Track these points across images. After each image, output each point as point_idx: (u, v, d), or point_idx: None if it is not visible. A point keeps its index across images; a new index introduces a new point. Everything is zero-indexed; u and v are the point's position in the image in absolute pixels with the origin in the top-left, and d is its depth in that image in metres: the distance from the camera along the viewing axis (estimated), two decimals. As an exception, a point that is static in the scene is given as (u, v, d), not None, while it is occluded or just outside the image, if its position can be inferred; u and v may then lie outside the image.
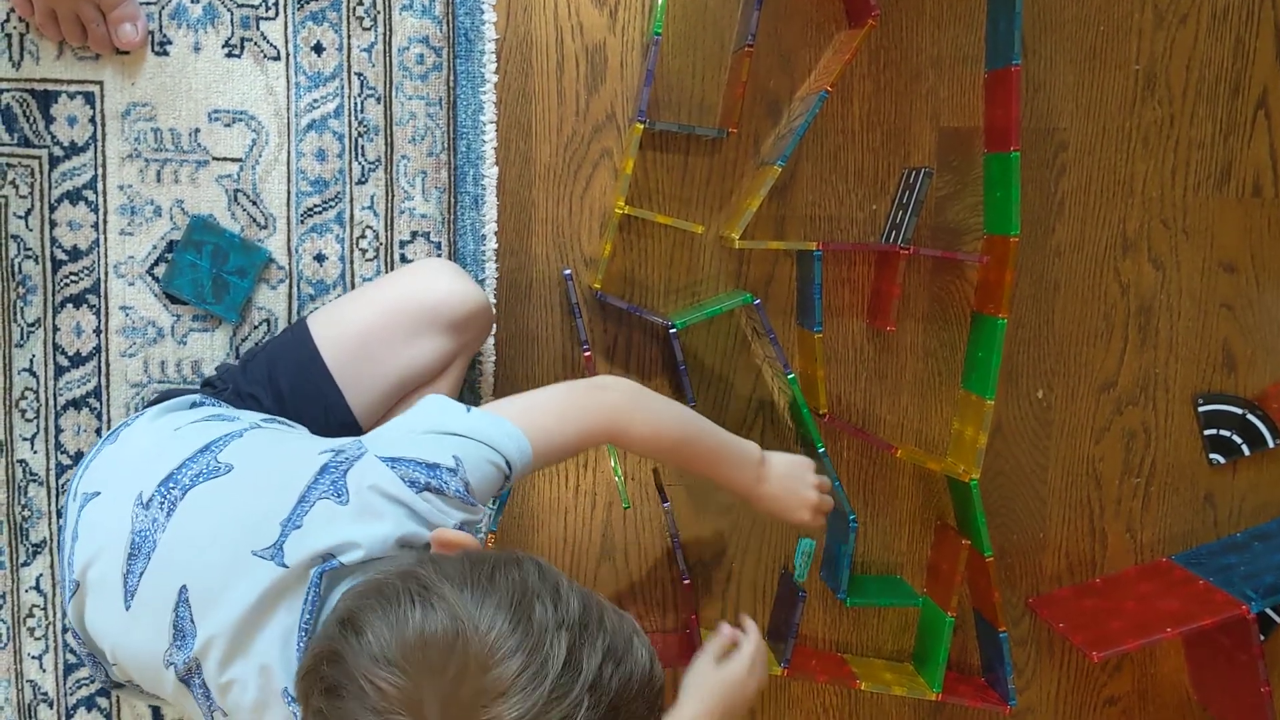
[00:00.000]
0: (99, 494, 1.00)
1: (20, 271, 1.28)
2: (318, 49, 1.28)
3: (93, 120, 1.27)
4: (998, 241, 1.30)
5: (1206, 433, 1.41)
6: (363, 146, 1.29)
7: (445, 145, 1.30)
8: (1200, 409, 1.40)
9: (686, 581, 1.35)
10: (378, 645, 0.70)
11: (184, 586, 0.90)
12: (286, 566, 0.87)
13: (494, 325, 1.29)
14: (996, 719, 1.43)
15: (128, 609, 0.93)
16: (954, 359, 1.38)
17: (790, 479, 1.21)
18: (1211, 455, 1.41)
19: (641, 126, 1.24)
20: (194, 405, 1.11)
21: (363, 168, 1.30)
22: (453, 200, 1.31)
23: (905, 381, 1.39)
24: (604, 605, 0.77)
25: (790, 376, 1.26)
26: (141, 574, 0.92)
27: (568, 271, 1.31)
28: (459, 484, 0.91)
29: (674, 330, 1.24)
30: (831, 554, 1.37)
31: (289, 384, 1.13)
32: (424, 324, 1.15)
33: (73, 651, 1.33)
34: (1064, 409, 1.40)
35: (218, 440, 0.98)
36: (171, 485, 0.95)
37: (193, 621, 0.89)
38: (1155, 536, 1.43)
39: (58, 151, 1.27)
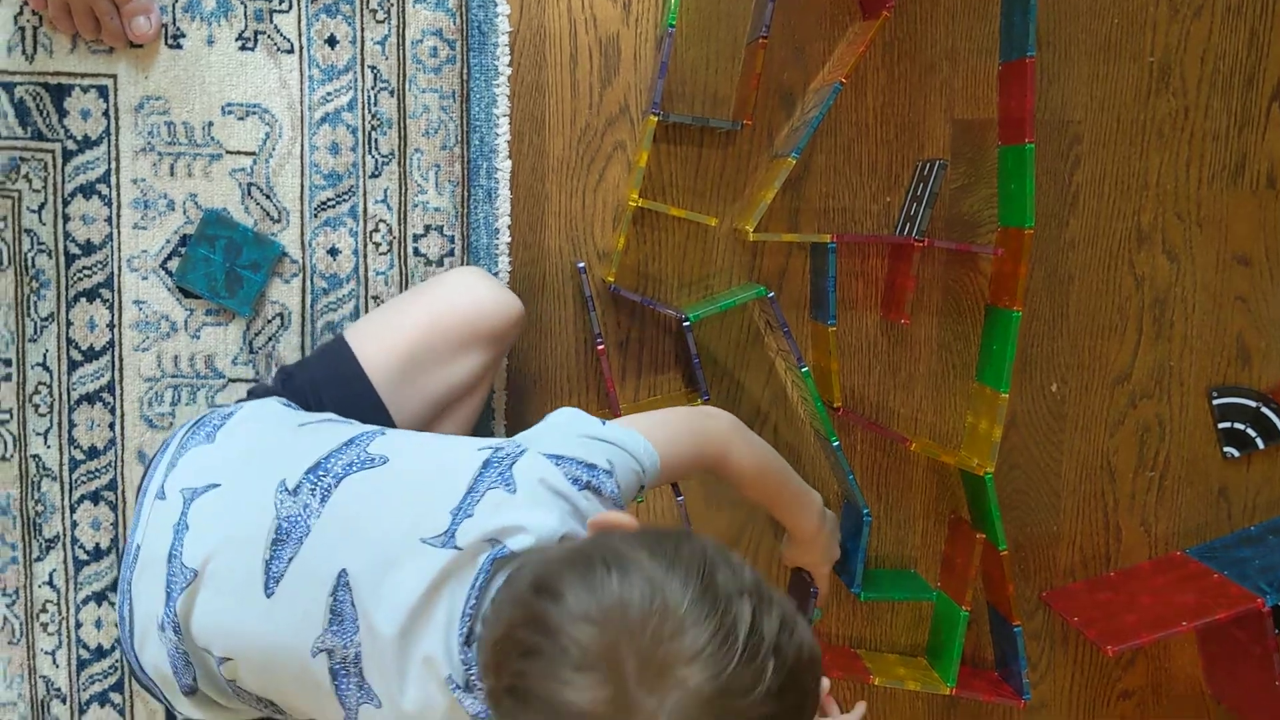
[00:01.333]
0: (216, 485, 1.00)
1: (34, 266, 1.27)
2: (331, 42, 1.28)
3: (106, 114, 1.27)
4: (1012, 234, 1.30)
5: (1221, 426, 1.41)
6: (376, 140, 1.29)
7: (459, 138, 1.30)
8: (1214, 402, 1.40)
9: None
10: (579, 607, 0.71)
11: (344, 570, 0.90)
12: (460, 549, 0.87)
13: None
14: (1011, 714, 1.43)
15: (269, 595, 0.93)
16: (968, 352, 1.38)
17: (836, 533, 1.30)
18: (1226, 449, 1.41)
19: (656, 119, 1.23)
20: (288, 405, 1.11)
21: (376, 161, 1.29)
22: (466, 194, 1.31)
23: (919, 375, 1.38)
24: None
25: (804, 370, 1.26)
26: (290, 559, 0.92)
27: (582, 264, 1.30)
28: (613, 486, 0.94)
29: (688, 323, 1.24)
30: (845, 549, 1.37)
31: (334, 403, 1.12)
32: (468, 339, 1.15)
33: (85, 646, 1.33)
34: (1078, 402, 1.40)
35: (360, 436, 0.99)
36: (322, 473, 0.95)
37: (353, 605, 0.89)
38: (1169, 530, 1.42)
39: (71, 145, 1.27)
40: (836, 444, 1.28)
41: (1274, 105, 1.37)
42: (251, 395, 1.16)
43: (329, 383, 1.13)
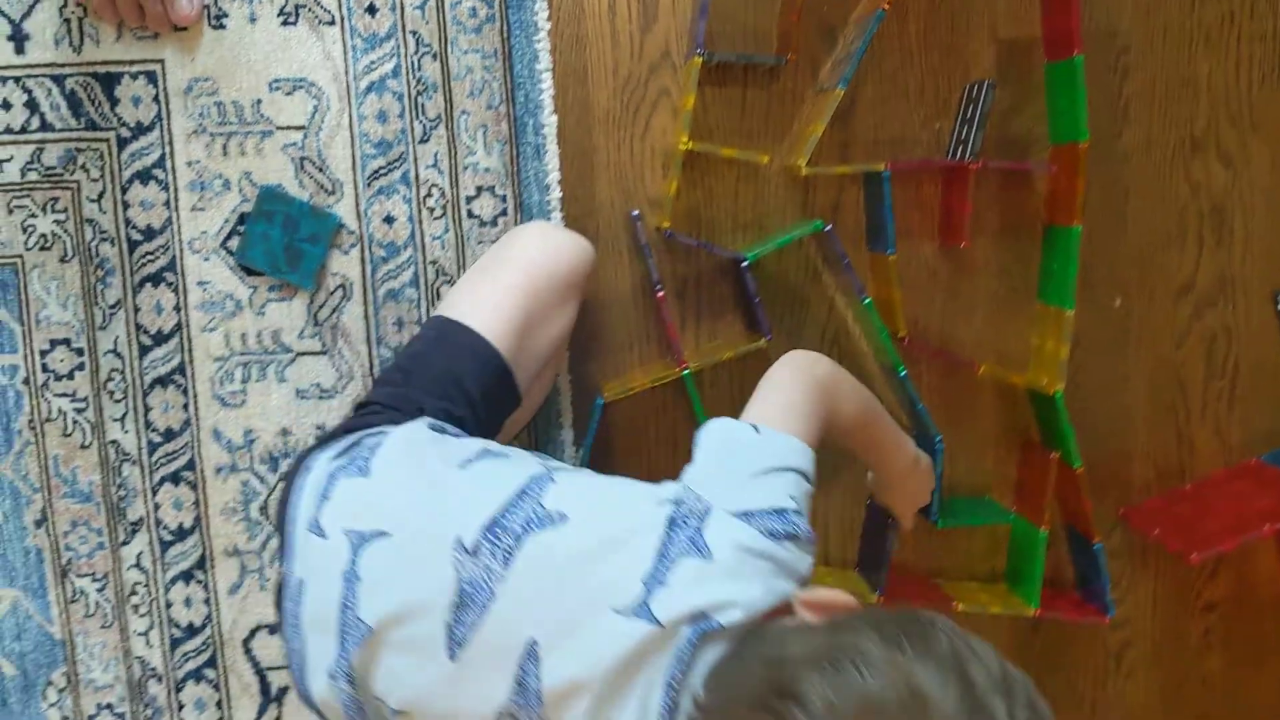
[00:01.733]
0: (385, 534, 0.95)
1: (98, 255, 1.29)
2: (371, 10, 1.28)
3: (156, 99, 1.28)
4: (1065, 149, 1.29)
5: (1289, 329, 1.39)
6: (422, 105, 1.30)
7: (504, 97, 1.30)
8: (1281, 306, 1.39)
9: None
10: (829, 712, 0.68)
11: (533, 640, 0.87)
12: (661, 625, 0.83)
13: None
14: (1095, 632, 1.43)
15: (453, 658, 0.90)
16: (1028, 273, 1.37)
17: (929, 476, 1.27)
18: (1295, 352, 1.40)
19: (700, 60, 1.23)
20: (437, 429, 1.06)
21: (424, 126, 1.30)
22: (514, 152, 1.31)
23: (980, 299, 1.38)
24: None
25: (866, 301, 1.25)
26: (474, 624, 0.89)
27: (635, 213, 1.31)
28: (805, 523, 0.90)
29: (746, 264, 1.24)
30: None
31: (480, 389, 1.11)
32: (561, 290, 1.16)
33: (176, 625, 1.35)
34: (1142, 316, 1.39)
35: (530, 485, 0.95)
36: (500, 531, 0.91)
37: (538, 677, 0.86)
38: (1244, 438, 1.41)
39: (124, 133, 1.28)
40: (904, 374, 1.28)
41: (1323, -1, 1.35)
42: (383, 405, 1.11)
43: (468, 368, 1.11)
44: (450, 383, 1.11)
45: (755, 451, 0.95)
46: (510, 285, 1.14)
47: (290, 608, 1.00)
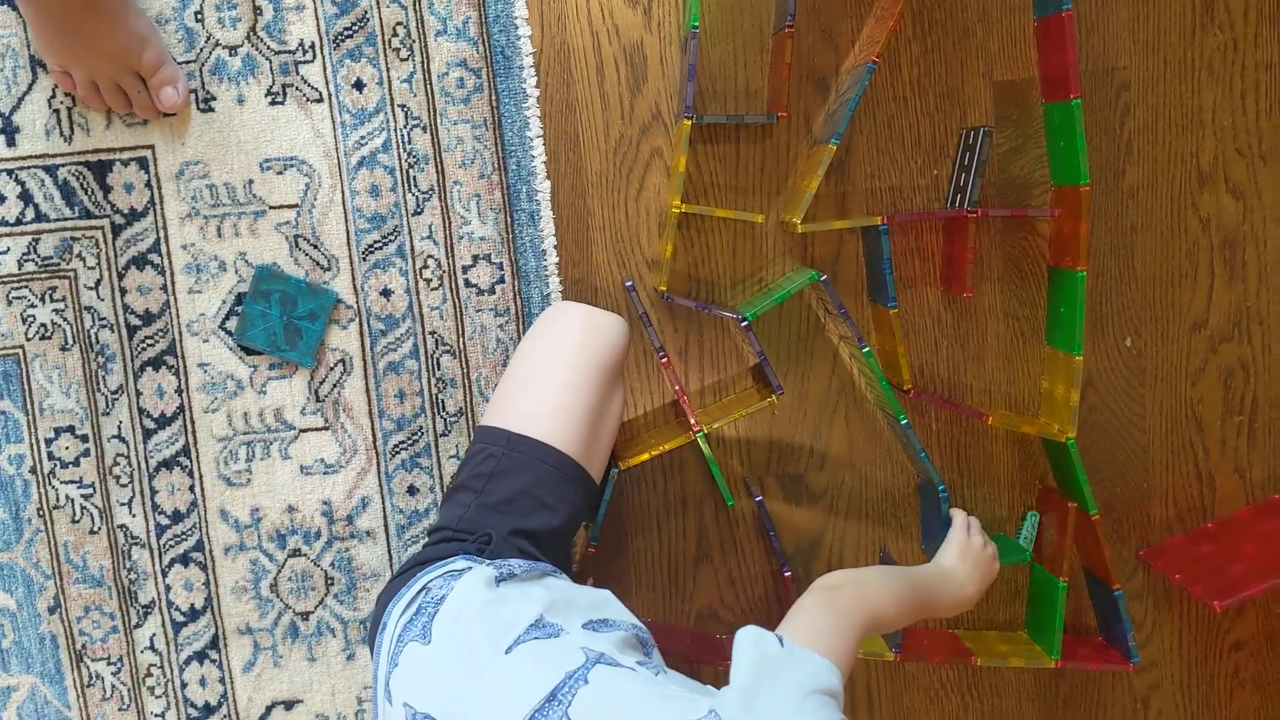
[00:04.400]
0: (432, 719, 0.94)
1: (98, 341, 1.30)
2: (358, 85, 1.28)
3: (149, 184, 1.28)
4: (1067, 192, 1.26)
5: (1308, 361, 1.36)
6: (414, 177, 1.29)
7: (495, 165, 1.30)
8: (1299, 338, 1.36)
9: (788, 574, 1.34)
10: None
11: None
12: None
13: None
14: (1122, 676, 1.40)
15: None
16: (1036, 317, 1.34)
17: (969, 557, 1.23)
18: (1316, 384, 1.36)
19: (689, 122, 1.22)
20: (497, 582, 1.01)
21: (417, 198, 1.29)
22: (509, 219, 1.31)
23: (988, 345, 1.36)
24: None
25: (865, 350, 1.24)
26: None
27: (630, 283, 1.29)
28: None
29: (746, 323, 1.23)
30: (930, 528, 1.35)
31: (559, 499, 1.10)
32: (615, 376, 1.17)
33: (193, 705, 1.35)
34: (1156, 354, 1.36)
35: (563, 685, 0.89)
36: None
37: None
38: (1265, 474, 1.38)
39: (119, 219, 1.28)
40: (905, 422, 1.26)
41: (1328, 24, 1.32)
42: (453, 530, 1.10)
43: (547, 486, 1.10)
44: (528, 501, 1.10)
45: (785, 672, 0.90)
46: (568, 383, 1.13)
47: None
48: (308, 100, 1.28)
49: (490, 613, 0.97)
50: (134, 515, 1.33)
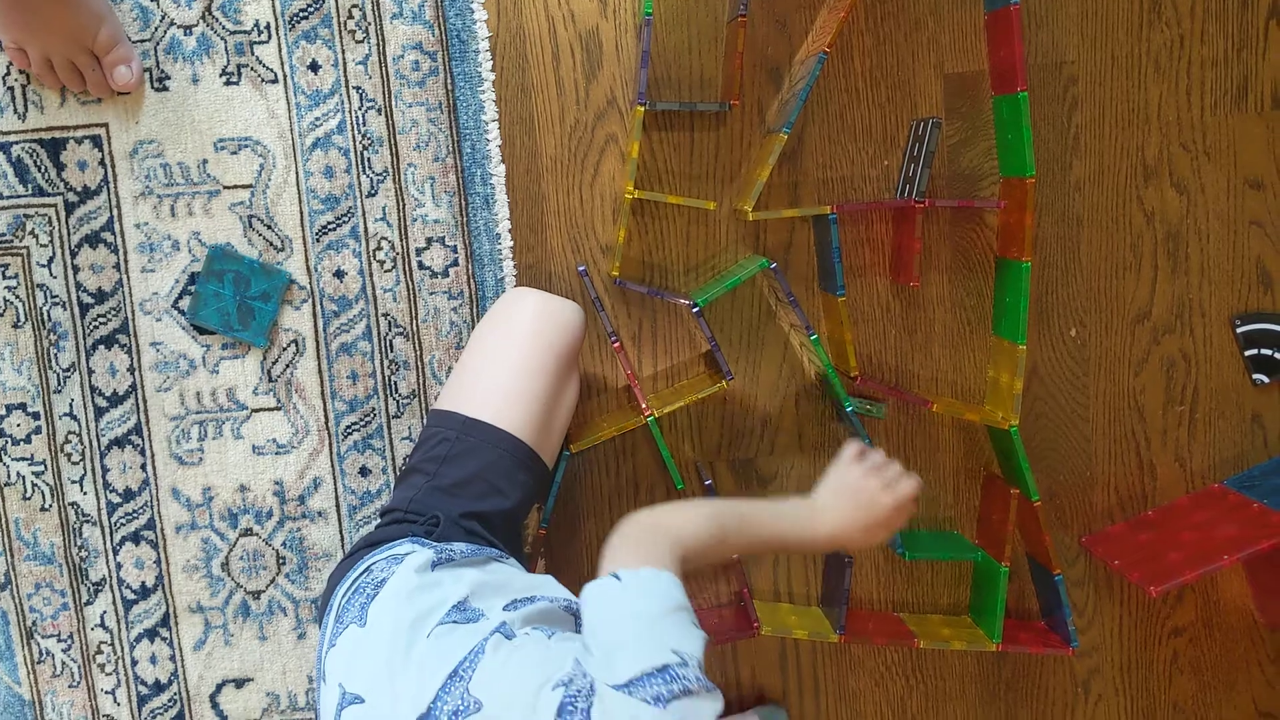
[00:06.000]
0: (362, 701, 0.95)
1: (50, 319, 1.30)
2: (314, 67, 1.28)
3: (102, 163, 1.28)
4: (1014, 184, 1.28)
5: (1248, 353, 1.39)
6: (369, 159, 1.30)
7: (450, 149, 1.30)
8: (1239, 330, 1.38)
9: (735, 556, 1.35)
10: None
11: None
12: None
13: None
14: (1064, 660, 1.43)
15: None
16: (983, 307, 1.37)
17: (846, 491, 1.15)
18: (1255, 375, 1.39)
19: (643, 109, 1.23)
20: (433, 565, 1.03)
21: (371, 180, 1.30)
22: (463, 202, 1.31)
23: (936, 334, 1.38)
24: None
25: (813, 337, 1.25)
26: None
27: (582, 268, 1.31)
28: (694, 672, 0.84)
29: (697, 309, 1.24)
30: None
31: (511, 483, 1.12)
32: (570, 362, 1.18)
33: (143, 683, 1.36)
34: (1099, 345, 1.39)
35: (464, 661, 0.92)
36: None
37: None
38: (1205, 463, 1.41)
39: (72, 197, 1.28)
40: (850, 408, 1.28)
41: (1272, 23, 1.34)
42: (403, 512, 1.12)
43: (500, 471, 1.11)
44: (480, 485, 1.11)
45: (625, 603, 0.91)
46: (522, 369, 1.14)
47: None
48: (263, 81, 1.28)
49: (418, 598, 0.99)
50: (85, 493, 1.33)
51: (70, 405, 1.31)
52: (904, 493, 1.15)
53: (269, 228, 1.30)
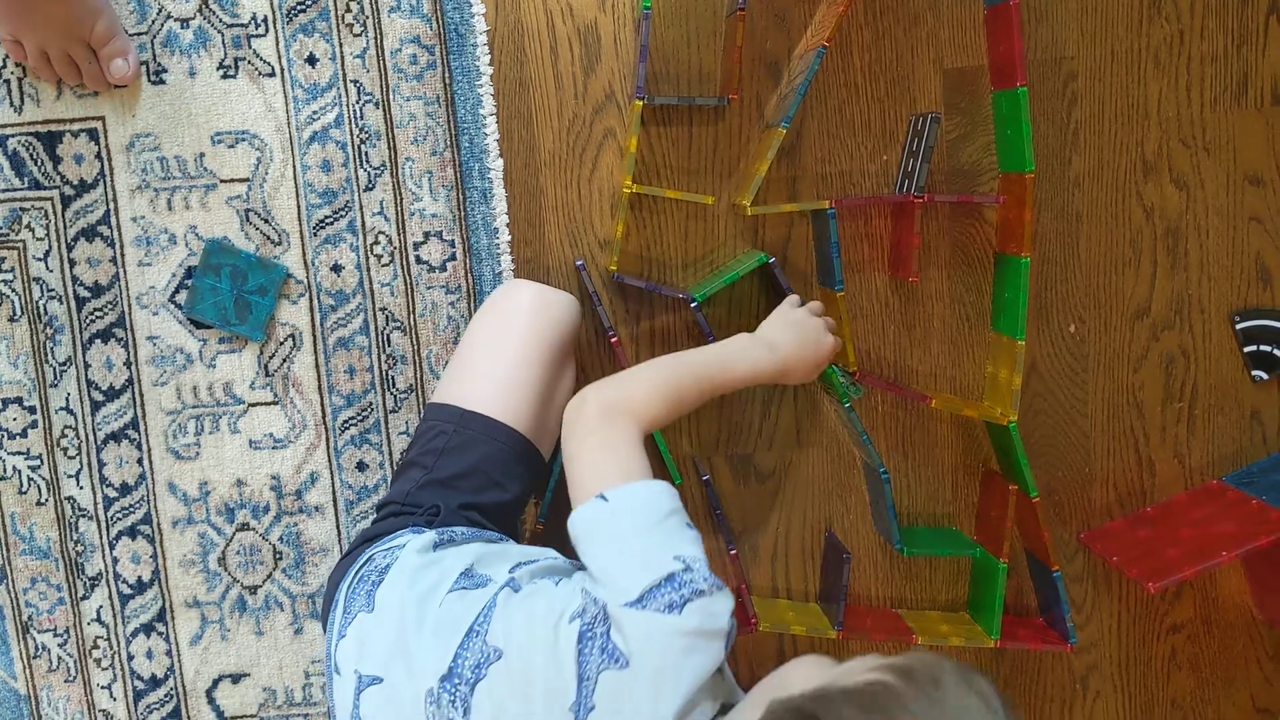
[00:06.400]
0: (380, 680, 0.97)
1: (46, 313, 1.29)
2: (311, 60, 1.28)
3: (99, 156, 1.28)
4: (1013, 179, 1.28)
5: (1246, 350, 1.38)
6: (366, 153, 1.29)
7: (448, 143, 1.30)
8: (1238, 326, 1.38)
9: (733, 552, 1.35)
10: None
11: None
12: None
13: None
14: (1063, 656, 1.42)
15: None
16: (981, 302, 1.36)
17: (790, 325, 1.19)
18: (1254, 372, 1.39)
19: (641, 103, 1.22)
20: (435, 546, 1.04)
21: (369, 174, 1.30)
22: (461, 197, 1.31)
23: (934, 330, 1.37)
24: None
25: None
26: None
27: (580, 262, 1.30)
28: (700, 573, 0.86)
29: (696, 304, 1.24)
30: (879, 510, 1.37)
31: (508, 475, 1.12)
32: (566, 353, 1.19)
33: (139, 678, 1.35)
34: (1098, 341, 1.38)
35: (479, 618, 0.94)
36: (457, 681, 0.91)
37: None
38: (1204, 459, 1.41)
39: (68, 191, 1.28)
40: (847, 405, 1.27)
41: (1272, 19, 1.33)
42: (401, 505, 1.12)
43: (496, 463, 1.11)
44: (478, 478, 1.11)
45: (616, 523, 0.92)
46: (518, 361, 1.14)
47: None
48: (260, 74, 1.28)
49: (424, 575, 1.00)
50: (81, 487, 1.32)
51: (66, 399, 1.31)
52: (831, 341, 1.21)
53: (266, 222, 1.30)
